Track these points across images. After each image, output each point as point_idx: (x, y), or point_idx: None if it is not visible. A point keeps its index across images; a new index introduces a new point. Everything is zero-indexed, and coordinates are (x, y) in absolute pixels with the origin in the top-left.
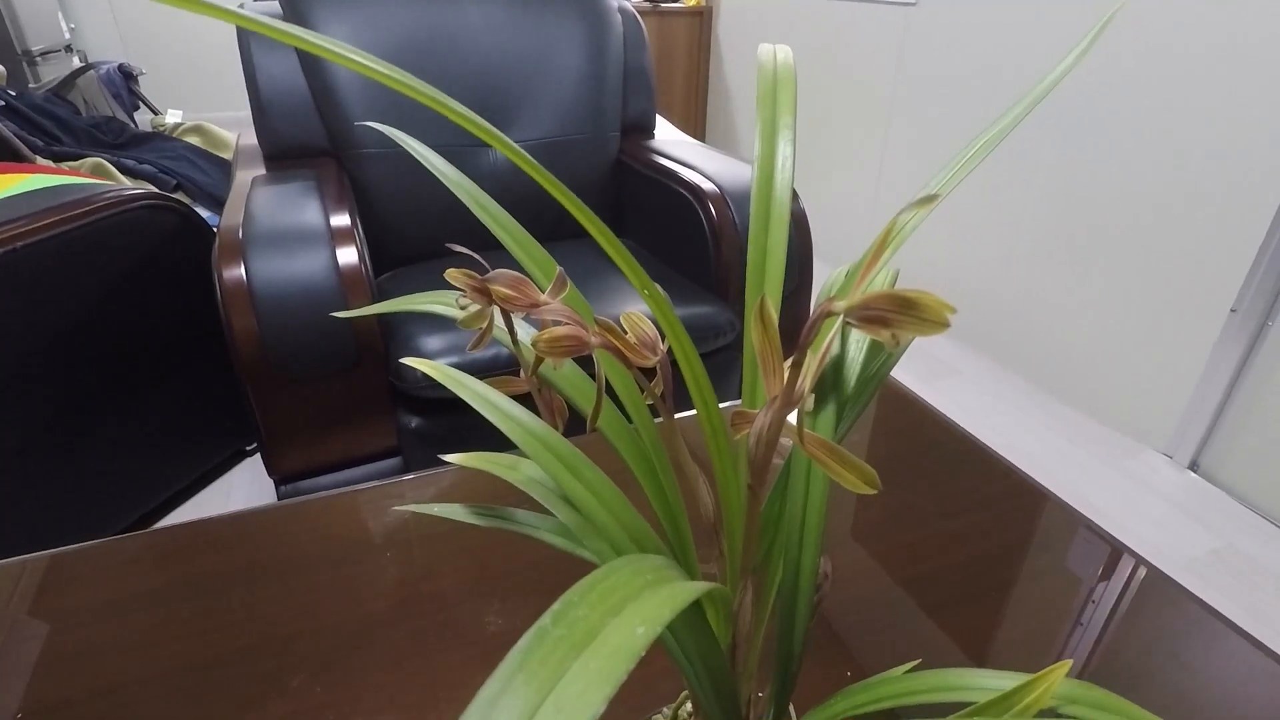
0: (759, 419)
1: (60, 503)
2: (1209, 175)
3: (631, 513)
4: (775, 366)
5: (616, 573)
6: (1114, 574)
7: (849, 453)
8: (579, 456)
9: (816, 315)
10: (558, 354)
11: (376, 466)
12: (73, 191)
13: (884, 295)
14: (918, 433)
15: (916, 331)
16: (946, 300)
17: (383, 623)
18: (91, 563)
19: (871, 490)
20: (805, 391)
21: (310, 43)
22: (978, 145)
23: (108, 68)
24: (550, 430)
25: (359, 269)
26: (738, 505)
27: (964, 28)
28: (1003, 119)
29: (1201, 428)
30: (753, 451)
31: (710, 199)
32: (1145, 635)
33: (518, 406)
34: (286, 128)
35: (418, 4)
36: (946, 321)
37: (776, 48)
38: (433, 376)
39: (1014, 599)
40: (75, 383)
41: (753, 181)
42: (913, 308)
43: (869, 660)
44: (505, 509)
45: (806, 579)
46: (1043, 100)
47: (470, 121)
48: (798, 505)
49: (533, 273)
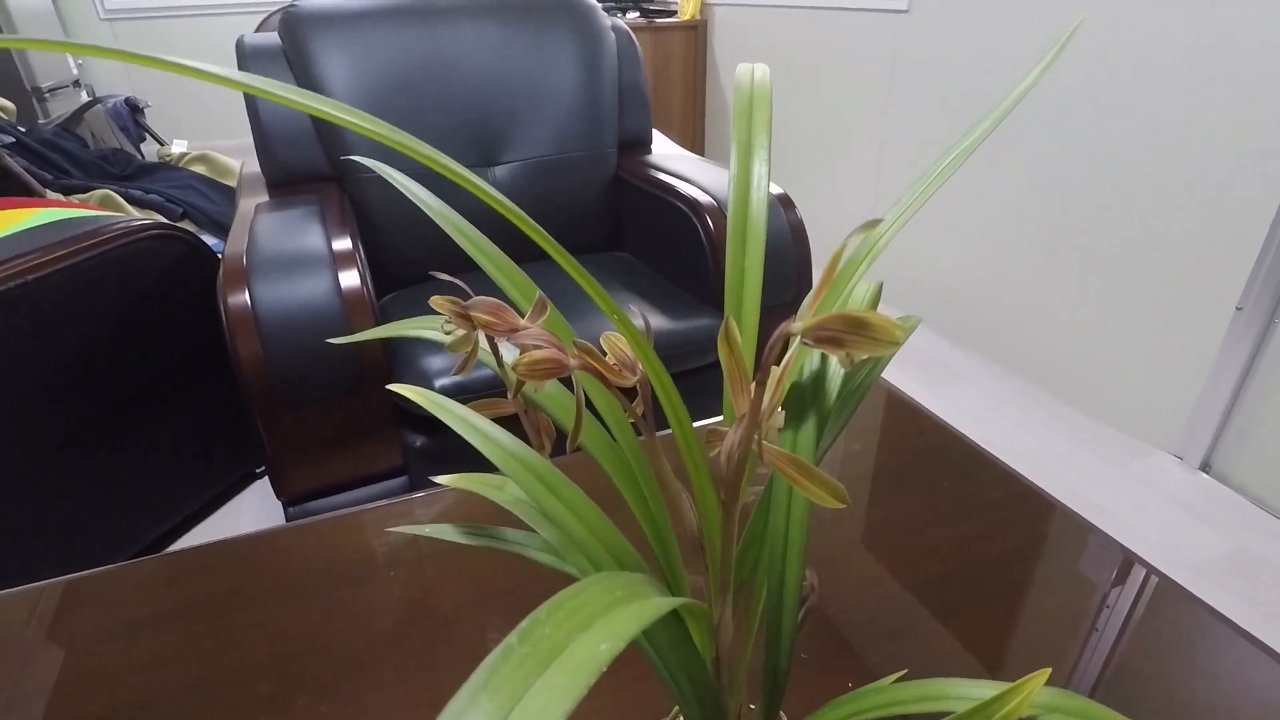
0: (729, 437)
1: (73, 529)
2: (1211, 172)
3: (610, 529)
4: (743, 385)
5: (586, 590)
6: (1117, 579)
7: (815, 468)
8: (558, 476)
9: (777, 336)
10: (537, 377)
11: (383, 486)
12: (81, 224)
13: (836, 316)
14: (919, 439)
15: (868, 351)
16: (909, 306)
17: (386, 642)
18: (105, 587)
19: (839, 505)
20: (768, 409)
21: (304, 104)
22: (946, 161)
23: (114, 101)
24: (530, 451)
25: (361, 292)
26: (716, 521)
27: (955, 34)
28: (970, 134)
29: (1211, 427)
30: (722, 468)
31: (707, 211)
32: (1151, 641)
33: (498, 429)
34: (288, 154)
35: (414, 28)
36: (897, 340)
37: (755, 67)
38: (416, 401)
39: (1016, 606)
40: (87, 410)
41: (728, 202)
42: (863, 328)
43: (871, 670)
44: (495, 529)
45: (791, 592)
46: (1008, 115)
47: (439, 165)
48: (780, 519)
49: (513, 297)
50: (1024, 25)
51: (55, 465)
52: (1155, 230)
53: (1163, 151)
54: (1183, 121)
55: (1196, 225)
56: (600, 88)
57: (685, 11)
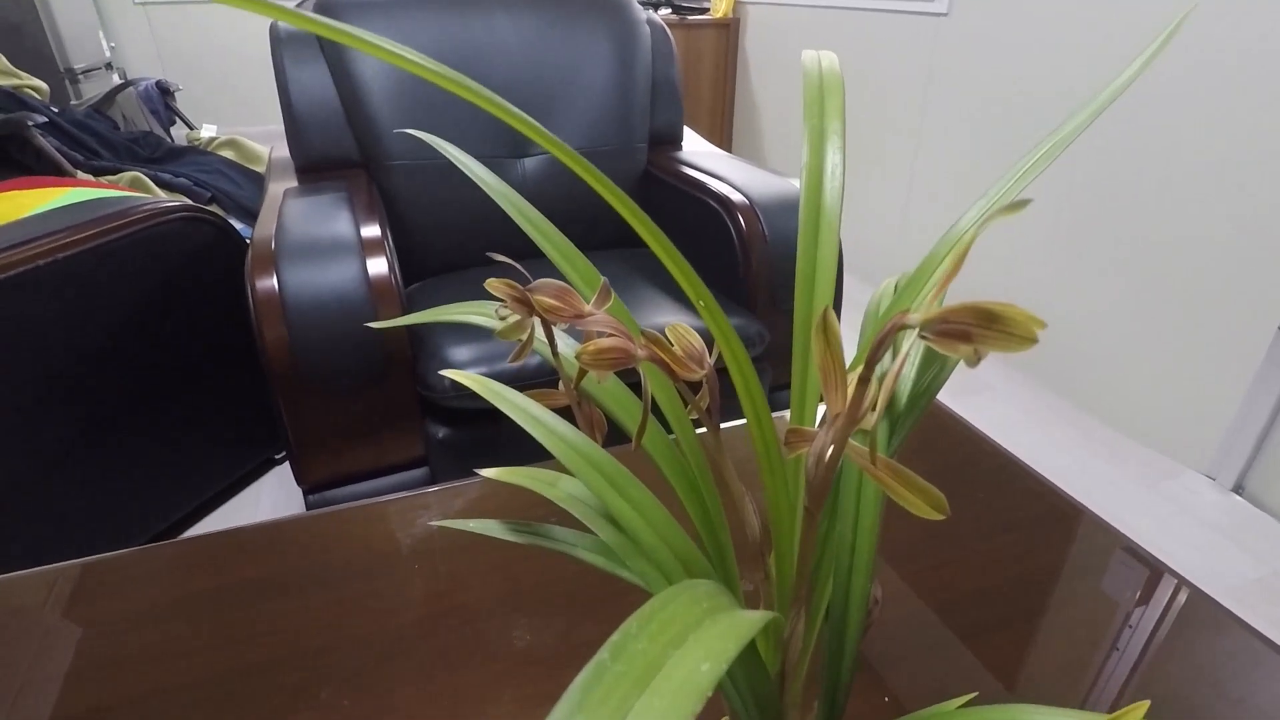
0: (819, 438)
1: (93, 510)
2: (1254, 186)
3: (679, 534)
4: (838, 381)
5: (674, 601)
6: (1160, 599)
7: (915, 475)
8: (625, 474)
9: (889, 328)
10: (603, 367)
11: (404, 476)
12: (111, 204)
13: (966, 308)
14: (955, 450)
15: (1001, 347)
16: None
17: (410, 636)
18: (122, 572)
19: (939, 516)
20: (878, 409)
21: (368, 42)
22: (1040, 152)
23: (146, 84)
24: (594, 446)
25: (389, 279)
26: (789, 528)
27: (996, 37)
28: (1064, 127)
29: (1247, 448)
30: (811, 472)
31: (739, 210)
32: (1191, 663)
33: (560, 420)
34: (318, 140)
35: (448, 17)
36: (1034, 337)
37: (821, 54)
38: (473, 389)
39: (1056, 624)
40: (110, 391)
41: (801, 190)
42: (997, 321)
43: (907, 686)
44: (542, 525)
45: (857, 604)
46: (1108, 107)
47: (516, 117)
48: (848, 525)
49: (575, 283)
50: (1067, 28)
51: (78, 446)
52: (1194, 244)
53: (1204, 165)
54: (1225, 134)
55: (1238, 240)
56: (633, 82)
57: (718, 9)
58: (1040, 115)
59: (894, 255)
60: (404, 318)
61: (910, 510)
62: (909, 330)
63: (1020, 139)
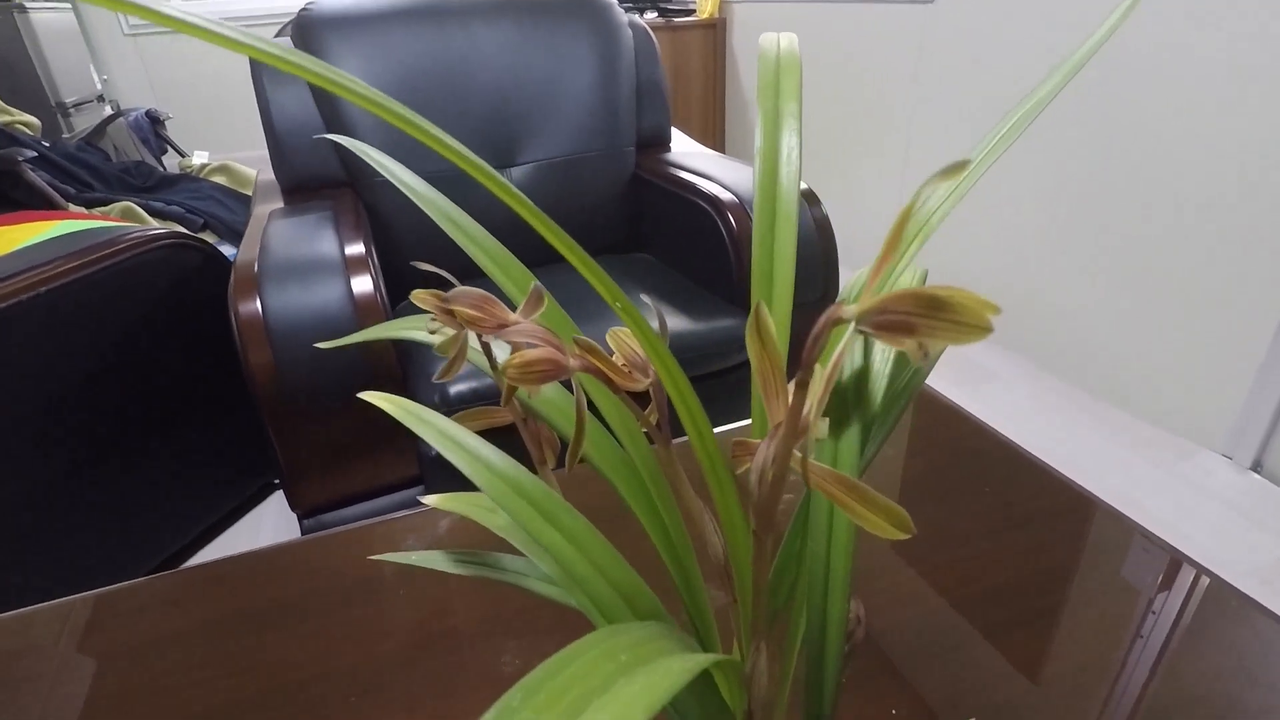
0: (760, 452)
1: (91, 543)
2: (1262, 163)
3: (618, 564)
4: (778, 388)
5: (581, 657)
6: (1183, 592)
7: (871, 490)
8: (555, 501)
9: (823, 324)
10: (530, 381)
11: (399, 496)
12: (97, 235)
13: (905, 295)
14: (957, 443)
15: (949, 339)
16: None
17: (396, 664)
18: (126, 603)
19: (903, 535)
20: (813, 417)
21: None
22: (1012, 120)
23: (135, 114)
24: (522, 472)
25: (374, 297)
26: (745, 551)
27: (982, 26)
28: (1036, 92)
29: (1263, 425)
30: (755, 491)
31: (729, 209)
32: (1214, 655)
33: (484, 444)
34: (302, 160)
35: (427, 29)
36: (987, 325)
37: (780, 35)
38: (389, 412)
39: (1074, 618)
40: (105, 423)
41: (755, 178)
42: (943, 309)
43: (916, 693)
44: (491, 555)
45: (835, 627)
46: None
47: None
48: (820, 543)
49: (508, 291)
50: (1053, 15)
51: (73, 479)
52: (1202, 222)
53: (1211, 141)
54: (1233, 111)
55: (1246, 217)
56: (617, 85)
57: (704, 10)
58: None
59: None
60: (347, 338)
61: (871, 531)
62: (845, 324)
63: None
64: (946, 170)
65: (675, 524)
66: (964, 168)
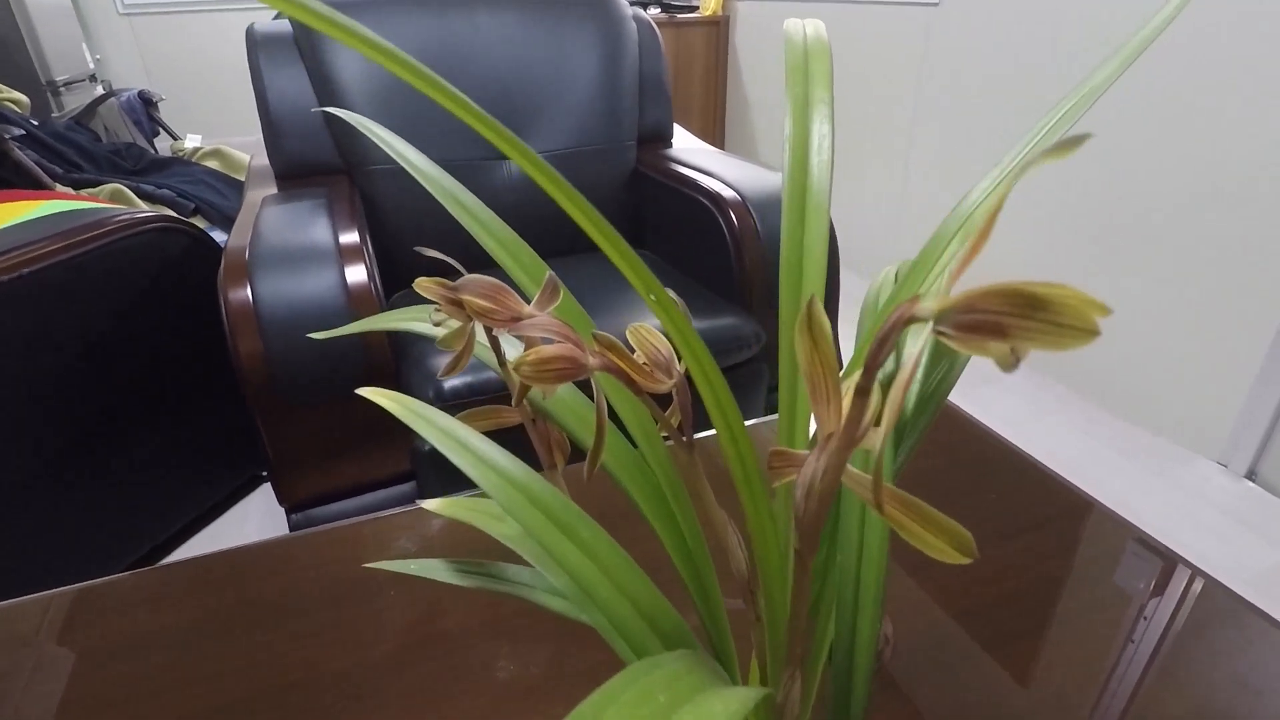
0: (809, 465)
1: (75, 533)
2: (1259, 171)
3: (642, 582)
4: (830, 393)
5: (615, 701)
6: (1183, 593)
7: (938, 513)
8: (573, 511)
9: (895, 321)
10: (546, 380)
11: (390, 492)
12: (84, 216)
13: (998, 292)
14: (961, 448)
15: (1048, 343)
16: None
17: (387, 669)
18: (103, 600)
19: (965, 559)
20: (886, 429)
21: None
22: (1066, 108)
23: (128, 95)
24: (535, 477)
25: (368, 287)
26: (780, 572)
27: (988, 28)
28: (1092, 78)
29: (1259, 433)
30: (800, 508)
31: (731, 205)
32: (1211, 655)
33: (493, 447)
34: (297, 146)
35: (429, 16)
36: (1093, 328)
37: (806, 21)
38: (390, 410)
39: (1080, 626)
40: (90, 410)
41: (784, 167)
42: (1041, 308)
43: (923, 706)
44: (496, 565)
45: (865, 648)
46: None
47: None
48: (851, 556)
49: (520, 281)
50: (1060, 17)
51: (57, 467)
52: (1202, 226)
53: (1208, 149)
54: (1230, 119)
55: (1243, 224)
56: (620, 79)
57: (707, 7)
58: (1036, 103)
59: (891, 250)
60: (340, 328)
61: (930, 554)
62: (919, 324)
63: (1016, 127)
64: (1059, 145)
65: (694, 534)
66: (1079, 142)
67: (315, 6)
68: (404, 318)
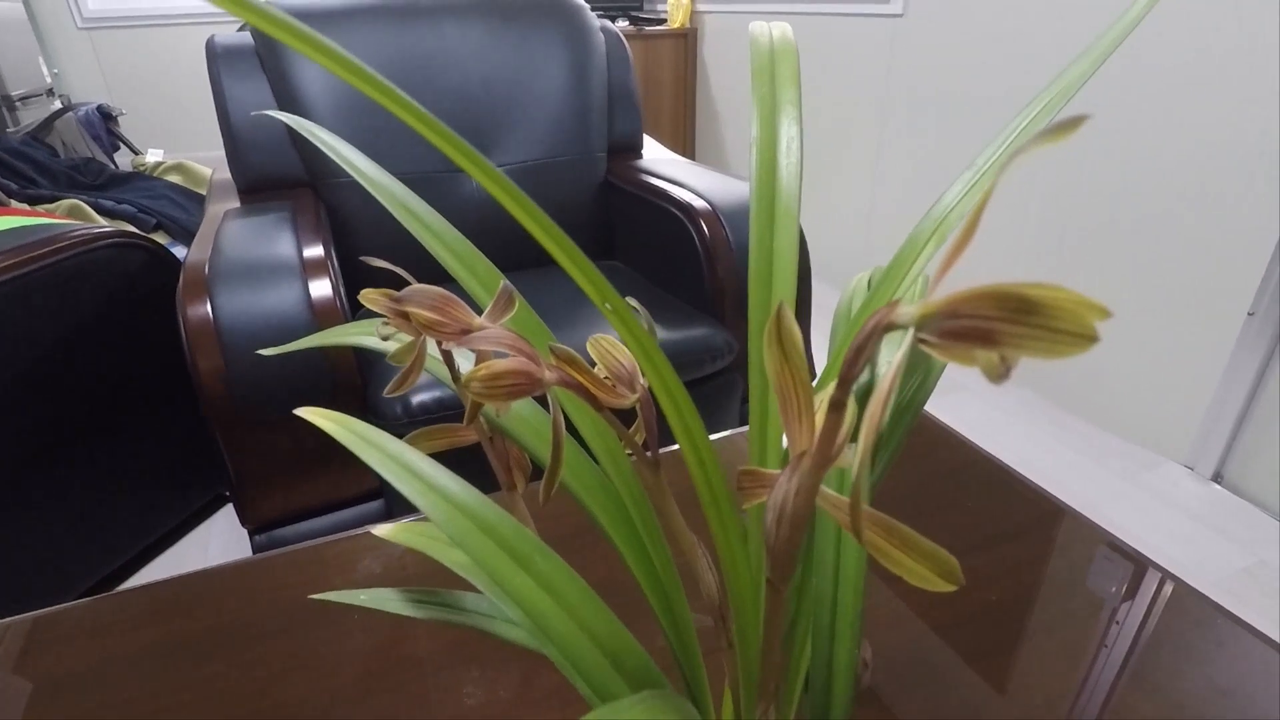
0: (780, 486)
1: (29, 557)
2: (1222, 173)
3: (603, 616)
4: (803, 407)
5: None
6: (1160, 598)
7: (921, 537)
8: (529, 541)
9: (872, 328)
10: (498, 396)
11: (358, 511)
12: (38, 232)
13: (983, 295)
14: (932, 457)
15: (1042, 351)
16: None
17: (349, 698)
18: (57, 628)
19: (950, 587)
20: (864, 446)
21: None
22: (1041, 104)
23: (86, 109)
24: (487, 504)
25: (333, 302)
26: (750, 596)
27: (952, 36)
28: (1065, 75)
29: (1223, 437)
30: (770, 533)
31: (701, 215)
32: (1181, 657)
33: (441, 471)
34: (260, 159)
35: (394, 27)
36: (1091, 334)
37: (771, 24)
38: (330, 432)
39: (1057, 635)
40: (44, 430)
41: (751, 171)
42: (1034, 313)
43: (903, 717)
44: (452, 593)
45: (843, 675)
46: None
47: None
48: (827, 579)
49: (475, 293)
50: (1023, 25)
51: (7, 489)
52: (1164, 233)
53: (1172, 153)
54: (1192, 122)
55: (1206, 227)
56: (589, 90)
57: (675, 20)
58: (1001, 110)
59: (861, 259)
60: (290, 344)
61: (912, 582)
62: (899, 331)
63: (982, 134)
64: (1056, 128)
65: (661, 557)
66: (1078, 123)
67: (274, 14)
68: (354, 332)
